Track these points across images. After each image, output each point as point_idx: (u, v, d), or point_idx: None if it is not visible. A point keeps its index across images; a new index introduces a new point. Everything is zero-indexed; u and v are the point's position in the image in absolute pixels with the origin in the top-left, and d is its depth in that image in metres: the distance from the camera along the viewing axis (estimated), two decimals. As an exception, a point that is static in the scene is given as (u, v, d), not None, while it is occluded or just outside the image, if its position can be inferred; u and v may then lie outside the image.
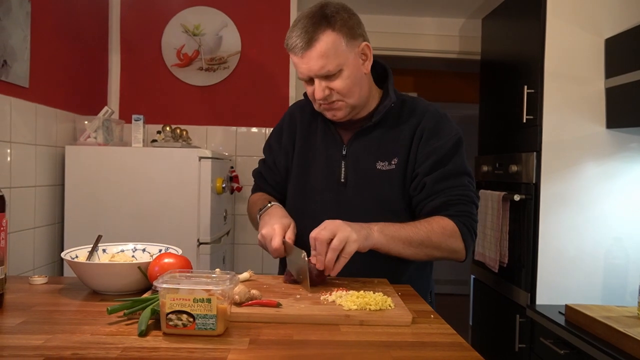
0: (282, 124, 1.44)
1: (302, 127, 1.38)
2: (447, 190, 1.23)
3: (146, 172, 2.12)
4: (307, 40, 1.16)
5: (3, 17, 1.72)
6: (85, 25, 2.46)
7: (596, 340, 1.57)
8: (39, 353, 0.73)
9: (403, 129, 1.29)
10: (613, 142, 2.03)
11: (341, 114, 1.26)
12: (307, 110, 1.38)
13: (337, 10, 1.18)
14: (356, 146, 1.30)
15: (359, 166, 1.29)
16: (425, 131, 1.27)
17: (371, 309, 0.94)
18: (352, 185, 1.29)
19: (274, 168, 1.43)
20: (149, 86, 2.76)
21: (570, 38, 2.03)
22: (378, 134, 1.29)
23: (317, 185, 1.32)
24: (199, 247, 2.14)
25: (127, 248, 1.22)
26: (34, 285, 1.13)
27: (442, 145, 1.25)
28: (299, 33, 1.17)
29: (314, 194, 1.32)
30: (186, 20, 2.76)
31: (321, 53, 1.16)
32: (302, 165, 1.35)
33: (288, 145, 1.39)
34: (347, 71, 1.20)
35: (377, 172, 1.27)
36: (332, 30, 1.16)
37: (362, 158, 1.29)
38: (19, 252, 1.87)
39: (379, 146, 1.29)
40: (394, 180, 1.27)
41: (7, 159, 1.78)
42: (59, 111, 2.15)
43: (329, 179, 1.31)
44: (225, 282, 0.84)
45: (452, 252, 1.22)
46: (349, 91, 1.22)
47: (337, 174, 1.30)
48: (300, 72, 1.22)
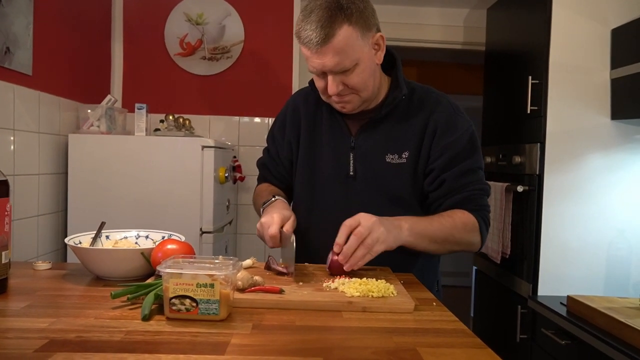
0: (285, 114, 1.39)
1: (306, 118, 1.34)
2: (467, 185, 1.22)
3: (149, 161, 2.12)
4: (323, 36, 1.09)
5: (6, 4, 1.71)
6: (88, 13, 2.45)
7: (598, 331, 1.57)
8: (43, 335, 0.73)
9: (414, 122, 1.25)
10: (618, 133, 2.02)
11: (351, 107, 1.22)
12: (311, 99, 1.34)
13: (353, 1, 1.12)
14: (365, 138, 1.26)
15: (368, 159, 1.26)
16: (439, 125, 1.23)
17: (374, 296, 0.94)
18: (361, 179, 1.26)
19: (277, 159, 1.41)
20: (152, 75, 2.76)
21: (576, 28, 2.01)
22: (388, 126, 1.26)
23: (325, 178, 1.29)
24: (202, 236, 2.15)
25: (130, 235, 1.22)
26: (37, 271, 1.14)
27: (458, 140, 1.22)
28: (314, 26, 1.09)
29: (323, 187, 1.30)
30: (189, 9, 2.74)
31: (337, 49, 1.10)
32: (309, 157, 1.32)
33: (291, 137, 1.36)
34: (362, 65, 1.15)
35: (387, 165, 1.24)
36: (348, 24, 1.10)
37: (372, 151, 1.26)
38: (23, 240, 1.87)
39: (389, 139, 1.25)
40: (404, 174, 1.24)
41: (10, 146, 1.78)
42: (62, 99, 2.14)
43: (338, 171, 1.28)
44: (228, 268, 0.84)
45: (469, 245, 1.23)
46: (364, 85, 1.18)
47: (345, 167, 1.27)
48: (312, 66, 1.15)
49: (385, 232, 1.06)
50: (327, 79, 1.16)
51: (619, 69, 1.95)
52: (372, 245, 1.04)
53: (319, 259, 1.21)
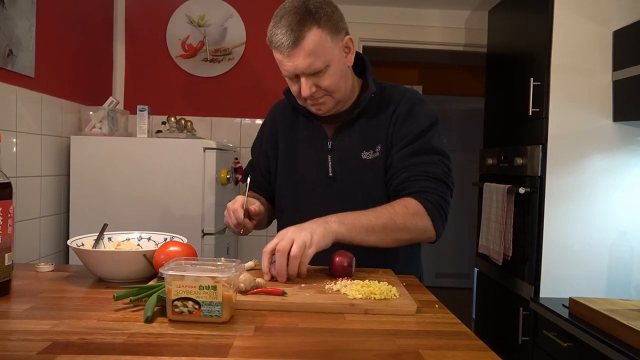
0: (264, 126, 1.45)
1: (285, 127, 1.38)
2: (412, 167, 1.21)
3: (151, 162, 2.13)
4: (293, 39, 1.13)
5: (9, 7, 1.72)
6: (91, 16, 2.46)
7: (600, 333, 1.57)
8: (46, 337, 0.73)
9: (383, 117, 1.29)
10: (619, 135, 2.02)
11: (326, 108, 1.25)
12: (288, 109, 1.38)
13: (320, 5, 1.15)
14: (341, 139, 1.30)
15: (346, 158, 1.29)
16: (401, 115, 1.27)
17: (376, 298, 0.94)
18: (340, 179, 1.29)
19: (256, 168, 1.45)
20: (154, 77, 2.76)
21: (578, 30, 2.01)
22: (361, 125, 1.29)
23: (307, 182, 1.32)
24: (204, 237, 2.15)
25: (132, 237, 1.22)
26: (40, 273, 1.14)
27: (416, 127, 1.24)
28: (284, 30, 1.13)
29: (305, 191, 1.33)
30: (191, 11, 2.75)
31: (308, 51, 1.14)
32: (289, 164, 1.36)
33: (269, 148, 1.40)
34: (334, 67, 1.19)
35: (363, 163, 1.27)
36: (317, 27, 1.14)
37: (348, 150, 1.29)
38: (25, 241, 1.88)
39: (363, 136, 1.29)
40: (377, 168, 1.27)
41: (13, 148, 1.78)
42: (65, 101, 2.15)
43: (318, 174, 1.31)
44: (230, 270, 0.84)
45: (420, 232, 1.17)
46: (336, 86, 1.21)
47: (325, 169, 1.30)
48: (285, 69, 1.19)
49: (309, 233, 1.04)
50: (301, 82, 1.19)
51: (621, 70, 1.95)
52: (300, 254, 1.02)
53: None
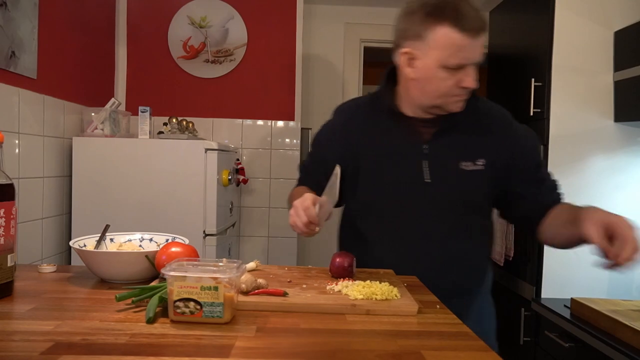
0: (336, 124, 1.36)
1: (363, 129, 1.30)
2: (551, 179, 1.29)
3: (153, 163, 2.13)
4: (483, 24, 1.12)
5: (11, 8, 1.72)
6: (93, 17, 2.47)
7: (601, 334, 1.57)
8: (49, 338, 0.74)
9: (486, 129, 1.25)
10: (621, 135, 2.02)
11: (462, 104, 1.22)
12: (365, 111, 1.32)
13: None
14: (438, 145, 1.24)
15: (443, 165, 1.24)
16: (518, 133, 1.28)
17: (377, 299, 0.94)
18: (437, 185, 1.23)
19: (320, 165, 1.35)
20: (156, 78, 2.77)
21: (579, 30, 2.01)
22: (460, 133, 1.24)
23: (398, 188, 1.26)
24: (205, 238, 2.15)
25: (134, 237, 1.23)
26: (42, 274, 1.14)
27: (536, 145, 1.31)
28: (474, 15, 1.10)
29: (395, 194, 1.26)
30: (192, 12, 2.75)
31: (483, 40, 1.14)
32: (375, 169, 1.28)
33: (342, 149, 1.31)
34: None
35: (461, 172, 1.23)
36: None
37: (446, 157, 1.24)
38: (28, 242, 1.88)
39: (462, 146, 1.24)
40: (480, 180, 1.24)
41: (15, 150, 1.79)
42: (67, 103, 2.16)
43: (412, 178, 1.24)
44: (232, 271, 0.84)
45: None
46: None
47: (420, 174, 1.24)
48: (464, 56, 1.12)
49: None
50: (461, 74, 1.14)
51: (622, 71, 1.95)
52: None
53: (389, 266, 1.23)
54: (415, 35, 1.15)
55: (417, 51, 1.16)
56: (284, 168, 2.83)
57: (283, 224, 2.85)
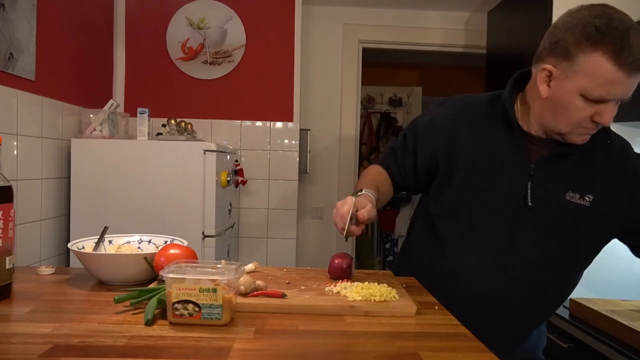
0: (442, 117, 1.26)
1: (472, 132, 1.21)
2: None
3: (151, 165, 2.13)
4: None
5: (9, 10, 1.72)
6: (91, 19, 2.47)
7: (601, 334, 1.57)
8: (47, 340, 0.73)
9: (602, 164, 1.16)
10: (619, 136, 2.02)
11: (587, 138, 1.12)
12: (482, 112, 1.23)
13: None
14: (547, 169, 1.14)
15: (547, 191, 1.14)
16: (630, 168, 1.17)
17: (376, 300, 0.94)
18: (539, 210, 1.14)
19: (411, 152, 1.28)
20: (154, 79, 2.77)
21: (577, 31, 2.01)
22: (573, 162, 1.15)
23: (495, 203, 1.16)
24: (204, 240, 2.15)
25: (133, 239, 1.23)
26: (41, 276, 1.14)
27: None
28: None
29: (491, 213, 1.16)
30: (191, 14, 2.76)
31: None
32: (473, 175, 1.19)
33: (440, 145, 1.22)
34: None
35: (566, 203, 1.13)
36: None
37: (552, 183, 1.14)
38: (26, 244, 1.88)
39: (572, 175, 1.15)
40: (585, 217, 1.14)
41: (13, 151, 1.79)
42: (65, 104, 2.15)
43: (513, 198, 1.15)
44: (230, 272, 0.84)
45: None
46: None
47: (521, 194, 1.14)
48: (611, 91, 1.01)
49: None
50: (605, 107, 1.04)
51: (620, 71, 1.95)
52: None
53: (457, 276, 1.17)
54: (564, 54, 1.04)
55: (560, 71, 1.06)
56: (283, 169, 2.83)
57: (282, 225, 2.85)
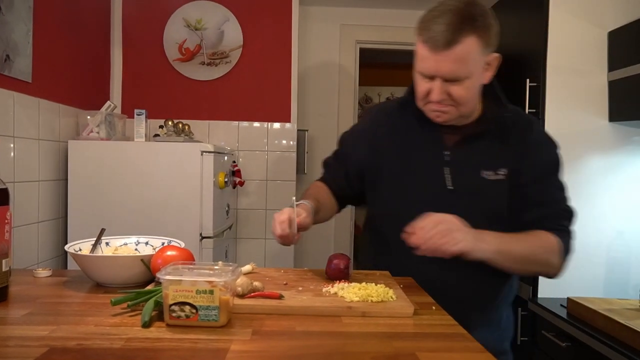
0: (364, 126, 1.38)
1: (390, 134, 1.31)
2: (550, 202, 1.22)
3: (149, 166, 2.13)
4: (449, 40, 1.08)
5: (6, 12, 1.72)
6: (88, 20, 2.46)
7: (598, 333, 1.57)
8: (44, 343, 0.73)
9: (510, 140, 1.24)
10: (616, 135, 2.03)
11: (446, 117, 1.20)
12: (395, 115, 1.32)
13: (483, 14, 1.12)
14: (460, 152, 1.24)
15: (465, 173, 1.23)
16: (531, 146, 1.24)
17: (373, 301, 0.94)
18: (460, 193, 1.23)
19: (342, 164, 1.37)
20: (151, 81, 2.77)
21: (573, 31, 2.02)
22: (484, 142, 1.24)
23: (421, 193, 1.25)
24: (202, 241, 2.15)
25: (130, 241, 1.23)
26: (38, 278, 1.14)
27: (545, 160, 1.25)
28: (443, 28, 1.08)
29: (416, 201, 1.24)
30: (188, 15, 2.75)
31: (457, 57, 1.09)
32: (398, 173, 1.28)
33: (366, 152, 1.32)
34: (472, 80, 1.15)
35: (483, 181, 1.22)
36: (475, 36, 1.10)
37: (467, 165, 1.23)
38: (23, 246, 1.88)
39: (484, 155, 1.23)
40: (502, 190, 1.22)
41: (10, 153, 1.78)
42: (62, 106, 2.15)
43: (435, 185, 1.24)
44: (227, 274, 0.84)
45: (548, 266, 1.20)
46: (466, 99, 1.17)
47: (442, 180, 1.24)
48: (424, 67, 1.13)
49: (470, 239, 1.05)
50: (433, 84, 1.14)
51: (616, 71, 1.96)
52: (446, 234, 1.03)
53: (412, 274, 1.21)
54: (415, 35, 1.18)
55: None
56: (281, 170, 2.83)
57: (280, 225, 2.84)
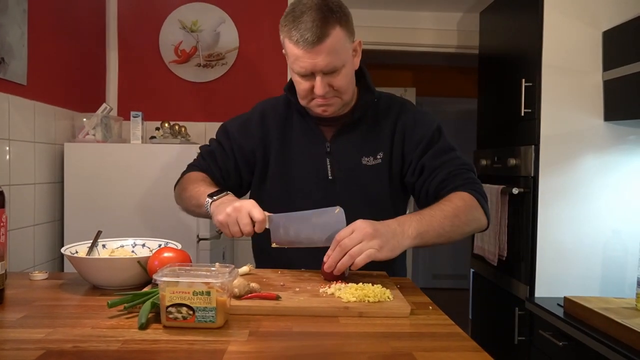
0: (252, 118, 1.37)
1: (277, 126, 1.34)
2: (446, 163, 1.25)
3: (145, 168, 2.13)
4: (318, 36, 1.12)
5: (0, 15, 1.71)
6: (83, 22, 2.46)
7: (595, 332, 1.58)
8: (40, 346, 0.73)
9: (384, 124, 1.31)
10: (611, 134, 2.04)
11: (333, 109, 1.25)
12: (280, 110, 1.36)
13: (340, 5, 1.17)
14: (340, 142, 1.30)
15: (345, 162, 1.29)
16: (407, 125, 1.30)
17: (370, 301, 0.94)
18: (340, 182, 1.29)
19: (229, 154, 1.36)
20: (147, 83, 2.76)
21: (568, 31, 2.03)
22: (361, 130, 1.30)
23: (304, 184, 1.31)
24: (199, 243, 2.15)
25: (126, 243, 1.22)
26: (34, 281, 1.14)
27: (426, 132, 1.29)
28: (309, 26, 1.12)
29: (300, 193, 1.30)
30: (183, 17, 2.75)
31: (330, 49, 1.14)
32: (284, 164, 1.32)
33: (252, 145, 1.34)
34: (348, 67, 1.20)
35: (363, 168, 1.28)
36: (340, 26, 1.15)
37: (347, 154, 1.29)
38: (20, 250, 1.87)
39: (363, 142, 1.29)
40: (381, 175, 1.29)
41: (6, 156, 1.78)
42: (58, 108, 2.15)
43: (316, 176, 1.30)
44: (224, 275, 0.84)
45: (477, 222, 1.21)
46: (347, 87, 1.22)
47: (323, 171, 1.30)
48: (301, 66, 1.16)
49: (380, 243, 1.02)
50: (314, 80, 1.18)
51: (611, 70, 1.97)
52: (357, 255, 1.01)
53: (299, 266, 1.22)
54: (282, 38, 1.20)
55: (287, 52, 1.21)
56: (278, 171, 2.82)
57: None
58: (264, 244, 1.24)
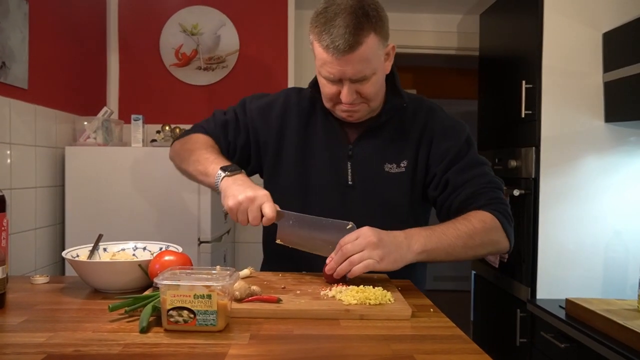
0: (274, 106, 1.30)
1: (299, 120, 1.28)
2: (472, 180, 1.19)
3: (146, 171, 2.13)
4: (351, 44, 1.04)
5: (1, 19, 1.72)
6: (83, 26, 2.47)
7: (596, 334, 1.57)
8: (41, 350, 0.73)
9: (410, 131, 1.24)
10: (612, 136, 2.04)
11: (359, 115, 1.19)
12: (304, 103, 1.29)
13: (376, 8, 1.09)
14: (363, 146, 1.24)
15: (367, 168, 1.23)
16: (436, 133, 1.23)
17: (371, 304, 0.94)
18: (360, 188, 1.23)
19: (243, 131, 1.30)
20: (148, 86, 2.77)
21: (568, 32, 2.03)
22: (385, 135, 1.24)
23: (320, 185, 1.25)
24: (200, 245, 2.14)
25: (127, 247, 1.22)
26: (35, 285, 1.14)
27: (454, 144, 1.22)
28: (342, 32, 1.04)
29: (316, 194, 1.25)
30: (184, 20, 2.76)
31: (361, 58, 1.07)
32: (300, 160, 1.26)
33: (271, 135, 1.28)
34: (378, 74, 1.14)
35: (385, 175, 1.22)
36: (374, 33, 1.07)
37: (370, 159, 1.23)
38: (21, 253, 1.87)
39: (387, 147, 1.23)
40: (403, 183, 1.23)
41: (7, 160, 1.78)
42: (59, 112, 2.15)
43: (335, 179, 1.24)
44: (225, 278, 0.84)
45: (495, 244, 1.16)
46: (375, 94, 1.16)
47: (343, 175, 1.24)
48: (330, 72, 1.10)
49: (382, 254, 1.01)
50: (341, 86, 1.13)
51: (612, 72, 1.97)
52: (356, 263, 1.00)
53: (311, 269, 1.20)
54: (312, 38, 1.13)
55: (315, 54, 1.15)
56: (278, 174, 2.82)
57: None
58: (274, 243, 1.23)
